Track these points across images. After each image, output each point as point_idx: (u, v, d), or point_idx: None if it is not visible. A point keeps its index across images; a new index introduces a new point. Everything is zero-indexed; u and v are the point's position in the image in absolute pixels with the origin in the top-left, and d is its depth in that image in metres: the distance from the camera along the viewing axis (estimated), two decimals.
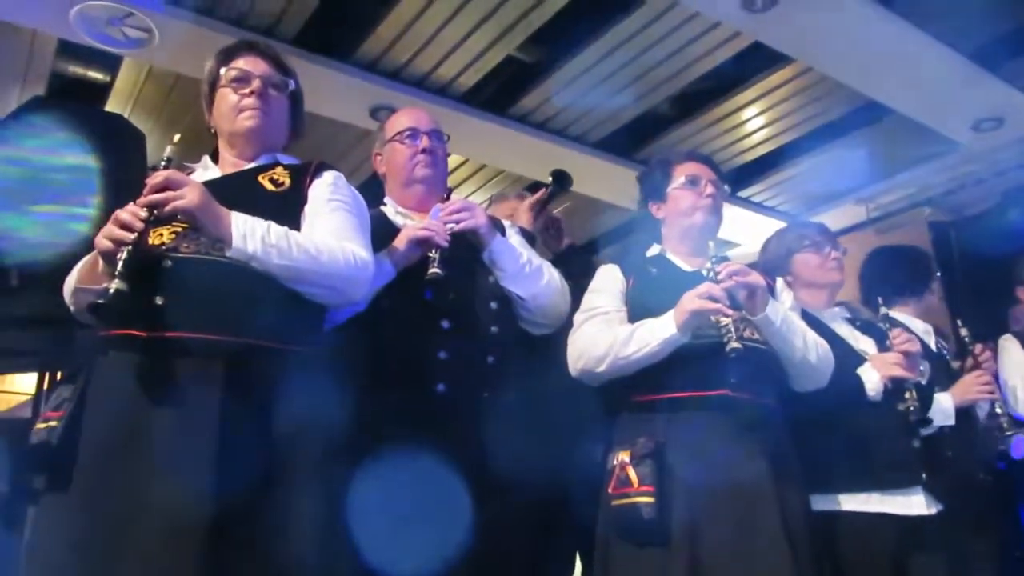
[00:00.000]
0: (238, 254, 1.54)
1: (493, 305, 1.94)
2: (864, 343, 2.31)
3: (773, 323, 1.90)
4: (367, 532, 1.56)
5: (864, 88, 4.13)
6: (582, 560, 2.40)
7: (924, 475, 2.09)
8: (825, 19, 3.53)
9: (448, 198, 2.04)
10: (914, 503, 2.08)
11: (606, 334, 1.91)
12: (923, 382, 2.25)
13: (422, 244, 1.89)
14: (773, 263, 2.46)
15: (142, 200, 1.51)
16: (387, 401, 1.77)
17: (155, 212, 1.51)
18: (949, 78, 3.95)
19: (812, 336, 1.98)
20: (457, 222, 1.94)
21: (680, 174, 2.12)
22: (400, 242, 1.90)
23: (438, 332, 1.84)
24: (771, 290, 2.03)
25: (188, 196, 1.52)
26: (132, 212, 1.50)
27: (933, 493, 2.11)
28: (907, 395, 2.12)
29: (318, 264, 1.59)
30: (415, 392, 1.79)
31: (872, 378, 2.14)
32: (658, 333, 1.84)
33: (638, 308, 1.96)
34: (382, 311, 1.84)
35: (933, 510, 2.10)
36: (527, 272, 1.99)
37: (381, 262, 1.85)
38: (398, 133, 2.09)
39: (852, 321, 2.41)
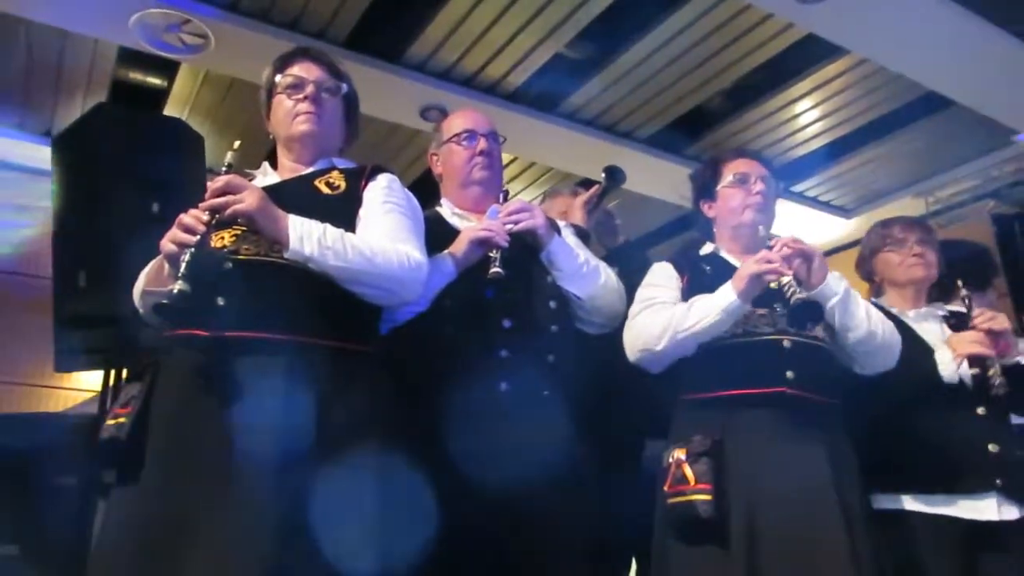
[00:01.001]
0: (295, 256, 1.56)
1: (552, 304, 1.94)
2: None
3: (836, 293, 1.85)
4: (425, 528, 1.58)
5: (922, 79, 4.02)
6: (638, 563, 2.39)
7: (999, 480, 1.97)
8: (881, 8, 3.45)
9: (506, 199, 2.06)
10: (984, 507, 1.98)
11: (663, 314, 1.89)
12: (1021, 361, 2.10)
13: (483, 244, 1.91)
14: (863, 266, 2.39)
15: (204, 204, 1.55)
16: (450, 399, 1.77)
17: (216, 215, 1.55)
18: (1011, 66, 3.82)
19: (876, 312, 1.92)
20: (516, 223, 1.95)
21: (729, 172, 2.10)
22: (461, 243, 1.92)
23: (500, 331, 1.86)
24: None
25: (247, 200, 1.55)
26: (195, 216, 1.54)
27: (1012, 498, 2.00)
28: (991, 372, 2.00)
29: (372, 266, 1.61)
30: (478, 390, 1.79)
31: (945, 358, 2.04)
32: (718, 302, 1.82)
33: None
34: (444, 310, 1.86)
35: (1012, 515, 1.99)
36: (584, 272, 1.99)
37: (442, 262, 1.88)
38: (455, 135, 2.11)
39: (946, 319, 2.26)
